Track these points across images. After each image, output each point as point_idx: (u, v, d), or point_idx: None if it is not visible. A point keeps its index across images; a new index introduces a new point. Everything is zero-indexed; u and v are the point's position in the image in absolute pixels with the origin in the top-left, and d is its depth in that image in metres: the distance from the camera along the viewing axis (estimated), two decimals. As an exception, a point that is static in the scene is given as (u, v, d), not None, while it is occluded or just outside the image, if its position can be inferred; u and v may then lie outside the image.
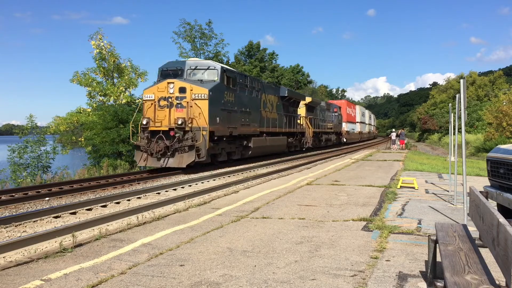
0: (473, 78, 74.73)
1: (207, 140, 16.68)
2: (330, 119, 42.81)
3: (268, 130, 24.11)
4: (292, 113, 29.19)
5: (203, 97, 16.89)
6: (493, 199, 6.08)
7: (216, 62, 19.17)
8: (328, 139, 40.84)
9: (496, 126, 38.02)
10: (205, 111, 16.87)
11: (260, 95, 23.10)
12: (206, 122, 16.80)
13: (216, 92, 17.61)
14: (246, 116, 20.93)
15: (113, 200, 10.41)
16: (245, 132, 20.85)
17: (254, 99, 22.14)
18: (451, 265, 3.15)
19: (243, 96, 20.58)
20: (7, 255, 5.97)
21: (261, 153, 23.62)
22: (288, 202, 8.81)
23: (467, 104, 7.04)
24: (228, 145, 19.76)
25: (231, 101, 19.09)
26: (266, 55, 59.27)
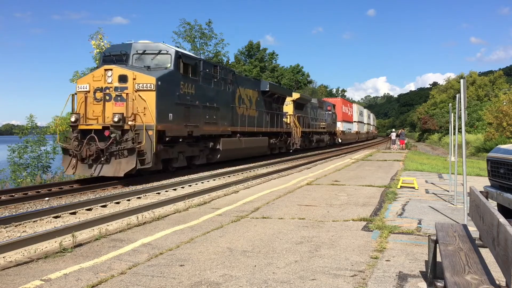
0: (473, 78, 74.71)
1: (154, 142, 13.36)
2: (323, 118, 39.65)
3: (244, 129, 20.79)
4: (277, 110, 26.01)
5: (149, 87, 13.63)
6: (493, 199, 6.07)
7: (171, 46, 15.42)
8: (320, 139, 37.65)
9: (496, 126, 38.01)
10: (152, 105, 13.56)
11: (234, 89, 19.81)
12: (153, 119, 13.51)
13: (168, 82, 14.35)
14: (213, 112, 17.48)
15: (113, 200, 10.41)
16: (211, 132, 17.50)
17: (224, 93, 18.72)
18: (451, 265, 3.14)
19: (208, 88, 17.09)
20: (7, 255, 5.96)
21: (233, 157, 20.34)
22: (288, 202, 8.81)
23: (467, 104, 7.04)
24: (189, 148, 16.46)
25: (190, 93, 15.73)
26: (266, 55, 59.31)
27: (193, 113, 16.01)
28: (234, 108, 19.75)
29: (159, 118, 13.88)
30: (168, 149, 15.03)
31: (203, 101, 16.72)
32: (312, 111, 35.51)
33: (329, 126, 41.44)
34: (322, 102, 40.90)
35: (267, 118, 24.34)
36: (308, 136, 33.47)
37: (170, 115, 14.56)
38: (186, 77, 15.54)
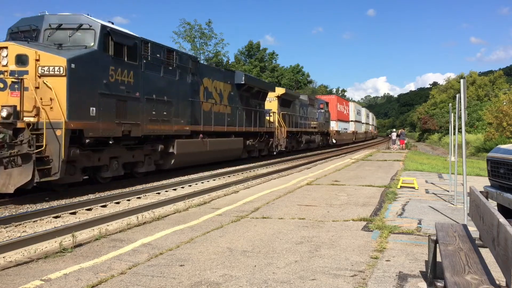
0: (473, 78, 74.71)
1: (62, 144, 10.06)
2: (314, 116, 36.02)
3: (210, 129, 17.26)
4: (256, 107, 22.70)
5: (58, 71, 10.29)
6: (493, 199, 6.07)
7: (97, 19, 11.88)
8: (310, 140, 34.10)
9: (496, 126, 38.00)
10: (62, 95, 10.30)
11: (197, 80, 16.38)
12: (63, 113, 10.18)
13: (88, 66, 11.00)
14: (163, 107, 13.99)
15: (113, 200, 10.40)
16: (160, 131, 13.99)
17: (182, 84, 15.18)
18: (451, 265, 3.14)
19: (156, 77, 13.60)
20: (7, 255, 5.96)
21: (194, 162, 16.79)
22: (288, 202, 8.80)
23: (467, 104, 7.04)
24: (127, 153, 13.00)
25: (127, 82, 12.34)
26: (266, 55, 59.38)
27: (131, 107, 12.52)
28: (196, 103, 16.26)
29: (73, 112, 10.50)
30: (91, 154, 11.54)
31: (148, 93, 13.15)
32: (301, 109, 32.34)
33: (322, 125, 37.95)
34: (313, 100, 37.46)
35: (244, 116, 20.92)
36: (295, 137, 30.22)
37: (93, 110, 11.11)
38: (120, 60, 12.07)
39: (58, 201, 10.27)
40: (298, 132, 30.73)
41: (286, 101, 28.29)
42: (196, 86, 16.45)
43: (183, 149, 15.18)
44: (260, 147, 23.81)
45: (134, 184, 13.11)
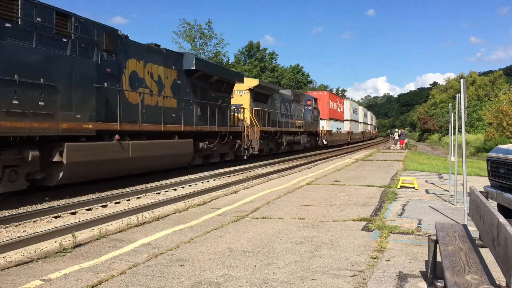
0: (473, 78, 74.73)
1: None
2: (300, 114, 31.65)
3: (136, 128, 12.98)
4: (218, 101, 18.41)
5: None
6: (493, 199, 6.07)
7: None
8: (294, 141, 29.23)
9: (496, 126, 38.01)
10: None
11: (116, 60, 12.28)
12: None
13: None
14: (38, 95, 9.59)
15: (113, 200, 10.40)
16: (29, 131, 9.41)
17: (79, 63, 10.78)
18: (451, 265, 3.14)
19: (22, 48, 9.30)
20: (7, 255, 5.97)
21: (103, 174, 12.06)
22: (288, 202, 8.80)
23: (467, 104, 7.04)
24: None
25: None
26: (266, 55, 59.36)
27: None
28: (110, 91, 12.02)
29: None
30: None
31: (3, 73, 8.88)
32: (283, 105, 27.77)
33: (309, 124, 33.42)
34: (299, 95, 32.95)
35: (197, 112, 16.56)
36: (274, 138, 25.68)
37: None
38: None
39: (58, 201, 10.27)
40: (278, 132, 25.97)
41: (261, 95, 23.67)
42: (114, 69, 12.22)
43: (79, 157, 10.65)
44: (223, 150, 19.14)
45: (134, 184, 13.12)
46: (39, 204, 9.90)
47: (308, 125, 33.36)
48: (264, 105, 24.24)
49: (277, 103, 26.90)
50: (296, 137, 30.05)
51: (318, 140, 37.26)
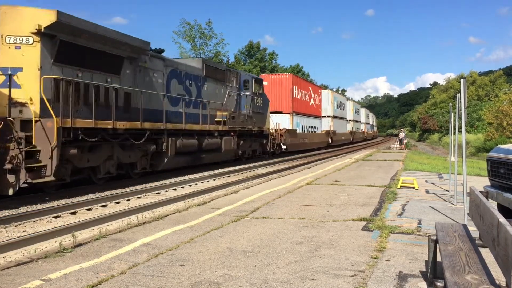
0: (473, 78, 74.78)
1: None
2: (222, 101, 19.29)
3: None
4: None
5: None
6: (493, 199, 6.07)
7: None
8: (203, 147, 17.26)
9: (496, 126, 38.02)
10: None
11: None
12: None
13: None
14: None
15: (113, 200, 10.40)
16: None
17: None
18: (451, 265, 3.14)
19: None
20: (7, 255, 5.97)
21: None
22: (288, 202, 8.80)
23: (467, 104, 7.04)
24: None
25: None
26: (266, 55, 59.33)
27: None
28: None
29: None
30: None
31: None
32: (177, 83, 16.11)
33: (244, 119, 21.02)
34: (222, 72, 19.93)
35: None
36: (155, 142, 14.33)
37: None
38: None
39: (58, 201, 10.27)
40: (148, 131, 13.43)
41: (85, 51, 11.43)
42: None
43: None
44: None
45: (134, 184, 13.11)
46: (39, 204, 9.89)
47: (242, 121, 20.65)
48: (103, 75, 12.07)
49: (159, 78, 14.90)
50: (210, 140, 17.72)
51: (267, 144, 24.29)
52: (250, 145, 22.67)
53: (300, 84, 32.98)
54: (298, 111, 31.47)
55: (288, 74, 32.39)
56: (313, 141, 34.87)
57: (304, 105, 33.61)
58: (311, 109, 36.21)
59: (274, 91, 28.64)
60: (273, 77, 30.75)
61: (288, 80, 30.18)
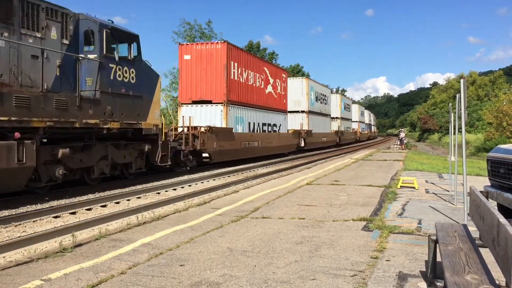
0: (473, 78, 74.81)
1: None
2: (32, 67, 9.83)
3: None
4: None
5: None
6: (494, 199, 6.07)
7: None
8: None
9: (496, 126, 38.04)
10: None
11: None
12: None
13: None
14: None
15: (113, 200, 10.41)
16: None
17: None
18: (451, 265, 3.14)
19: None
20: (7, 255, 5.97)
21: None
22: (288, 202, 8.80)
23: (467, 104, 7.04)
24: None
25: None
26: (266, 55, 59.33)
27: None
28: None
29: None
30: None
31: None
32: None
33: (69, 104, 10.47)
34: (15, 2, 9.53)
35: None
36: None
37: None
38: None
39: (58, 201, 10.27)
40: None
41: None
42: None
43: None
44: None
45: (134, 184, 13.11)
46: (39, 204, 9.89)
47: (68, 108, 10.56)
48: None
49: None
50: None
51: (157, 152, 14.40)
52: (106, 158, 12.46)
53: (244, 60, 22.50)
54: (240, 100, 21.89)
55: (221, 42, 20.98)
56: (270, 144, 25.20)
57: (254, 93, 23.86)
58: (269, 100, 26.32)
59: (200, 69, 20.39)
60: (199, 48, 20.84)
61: (220, 52, 20.19)
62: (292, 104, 32.30)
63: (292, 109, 32.18)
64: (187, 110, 20.45)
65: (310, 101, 34.20)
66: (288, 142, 29.00)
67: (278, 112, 28.29)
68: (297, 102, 32.93)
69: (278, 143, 26.96)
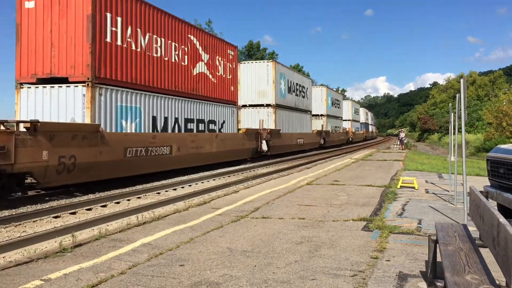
0: (473, 78, 74.84)
1: None
2: None
3: None
4: None
5: None
6: (493, 199, 6.07)
7: None
8: None
9: (496, 126, 38.05)
10: None
11: None
12: None
13: None
14: None
15: (113, 200, 10.41)
16: None
17: None
18: (451, 265, 3.14)
19: None
20: (7, 255, 5.97)
21: None
22: (288, 202, 8.80)
23: (467, 104, 7.04)
24: None
25: None
26: (266, 55, 59.33)
27: None
28: None
29: None
30: None
31: None
32: None
33: None
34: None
35: None
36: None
37: None
38: None
39: (58, 201, 10.27)
40: None
41: None
42: None
43: None
44: None
45: (134, 184, 13.10)
46: (39, 204, 9.89)
47: None
48: None
49: None
50: None
51: None
52: None
53: (141, 16, 14.89)
54: (130, 81, 14.29)
55: None
56: (200, 150, 17.91)
57: (168, 72, 16.36)
58: (200, 85, 18.85)
59: (51, 25, 13.08)
60: None
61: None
62: (253, 95, 26.12)
63: (254, 103, 26.13)
64: (28, 94, 12.97)
65: (279, 92, 27.30)
66: (236, 147, 21.52)
67: (220, 103, 20.71)
68: (260, 93, 26.25)
69: (218, 148, 19.45)
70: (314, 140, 34.65)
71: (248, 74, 26.17)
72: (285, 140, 28.00)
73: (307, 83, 34.31)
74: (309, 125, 34.81)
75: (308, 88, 34.24)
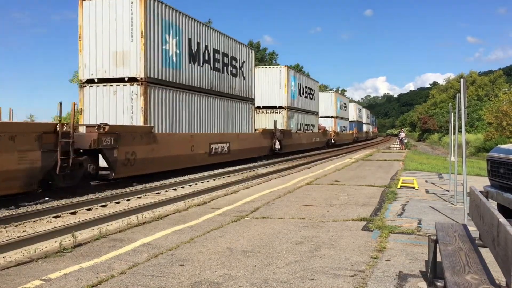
0: (473, 78, 74.86)
1: None
2: None
3: None
4: None
5: None
6: (493, 199, 6.07)
7: None
8: None
9: (496, 126, 38.04)
10: None
11: None
12: None
13: None
14: None
15: (113, 200, 10.41)
16: None
17: None
18: (451, 265, 3.14)
19: None
20: (7, 255, 5.97)
21: None
22: (288, 202, 8.80)
23: (467, 104, 7.04)
24: None
25: None
26: (266, 55, 59.32)
27: None
28: None
29: None
30: None
31: None
32: None
33: None
34: None
35: None
36: None
37: None
38: None
39: (58, 201, 10.27)
40: None
41: None
42: None
43: None
44: None
45: (134, 184, 13.11)
46: (39, 204, 9.90)
47: None
48: None
49: None
50: None
51: None
52: None
53: None
54: None
55: None
56: None
57: None
58: None
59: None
60: None
61: None
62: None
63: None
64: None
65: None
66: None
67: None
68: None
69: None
70: (258, 145, 26.27)
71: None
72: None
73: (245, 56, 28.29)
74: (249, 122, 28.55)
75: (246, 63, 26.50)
